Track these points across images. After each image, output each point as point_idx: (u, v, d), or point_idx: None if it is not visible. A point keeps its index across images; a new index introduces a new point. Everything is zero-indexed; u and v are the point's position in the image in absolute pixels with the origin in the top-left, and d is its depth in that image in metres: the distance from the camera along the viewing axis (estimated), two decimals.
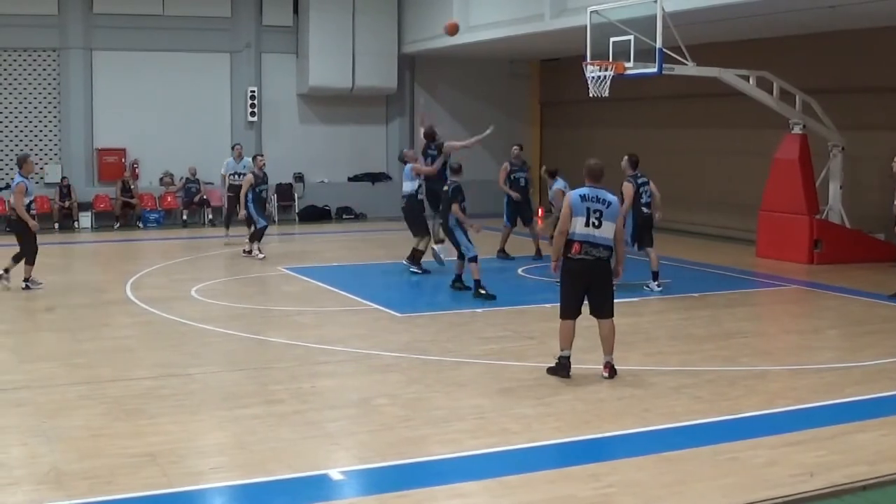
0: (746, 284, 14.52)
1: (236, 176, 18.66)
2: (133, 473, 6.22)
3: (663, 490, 6.03)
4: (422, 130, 16.04)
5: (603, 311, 8.73)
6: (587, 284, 8.67)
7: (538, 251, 16.27)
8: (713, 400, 8.09)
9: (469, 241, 12.90)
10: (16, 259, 13.20)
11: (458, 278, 13.16)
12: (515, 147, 17.06)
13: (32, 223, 12.98)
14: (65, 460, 6.46)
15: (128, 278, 14.46)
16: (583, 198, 8.60)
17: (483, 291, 12.59)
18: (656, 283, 13.38)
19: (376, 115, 25.08)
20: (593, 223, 8.54)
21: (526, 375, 8.81)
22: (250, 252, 16.64)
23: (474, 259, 12.75)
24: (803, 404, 8.00)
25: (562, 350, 8.71)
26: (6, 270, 13.23)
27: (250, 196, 16.51)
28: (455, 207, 12.89)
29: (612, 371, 8.69)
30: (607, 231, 8.58)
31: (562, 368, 8.69)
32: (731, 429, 7.31)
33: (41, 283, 13.32)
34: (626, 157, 13.39)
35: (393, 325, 11.26)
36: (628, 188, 13.19)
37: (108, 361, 9.35)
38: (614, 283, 8.83)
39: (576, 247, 8.57)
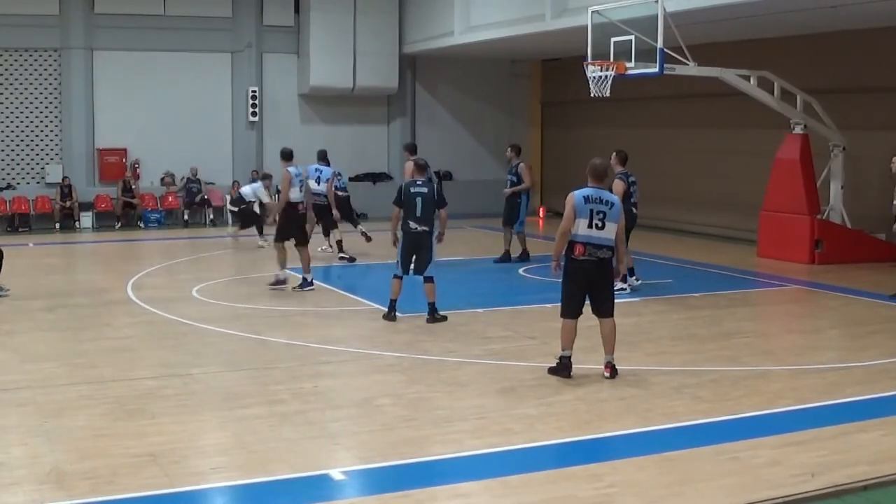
0: (748, 284, 14.51)
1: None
2: (134, 473, 6.22)
3: (664, 490, 6.03)
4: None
5: (604, 310, 8.74)
6: (589, 284, 8.68)
7: (509, 254, 16.20)
8: (714, 400, 8.09)
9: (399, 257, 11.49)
10: None
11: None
12: (508, 149, 16.82)
13: None
14: (66, 460, 6.47)
15: (129, 278, 14.47)
16: (586, 199, 8.58)
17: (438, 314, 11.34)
18: (634, 278, 13.28)
19: (377, 115, 25.08)
20: (596, 224, 8.54)
21: (527, 375, 8.81)
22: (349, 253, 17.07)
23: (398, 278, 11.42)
24: (805, 404, 8.01)
25: (563, 350, 8.71)
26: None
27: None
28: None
29: (613, 371, 8.69)
30: (610, 232, 8.58)
31: (563, 368, 8.69)
32: (732, 429, 7.31)
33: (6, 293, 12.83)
34: (614, 154, 13.10)
35: (394, 324, 11.25)
36: (619, 185, 12.75)
37: (109, 361, 9.36)
38: (617, 285, 8.78)
39: (579, 248, 8.56)
